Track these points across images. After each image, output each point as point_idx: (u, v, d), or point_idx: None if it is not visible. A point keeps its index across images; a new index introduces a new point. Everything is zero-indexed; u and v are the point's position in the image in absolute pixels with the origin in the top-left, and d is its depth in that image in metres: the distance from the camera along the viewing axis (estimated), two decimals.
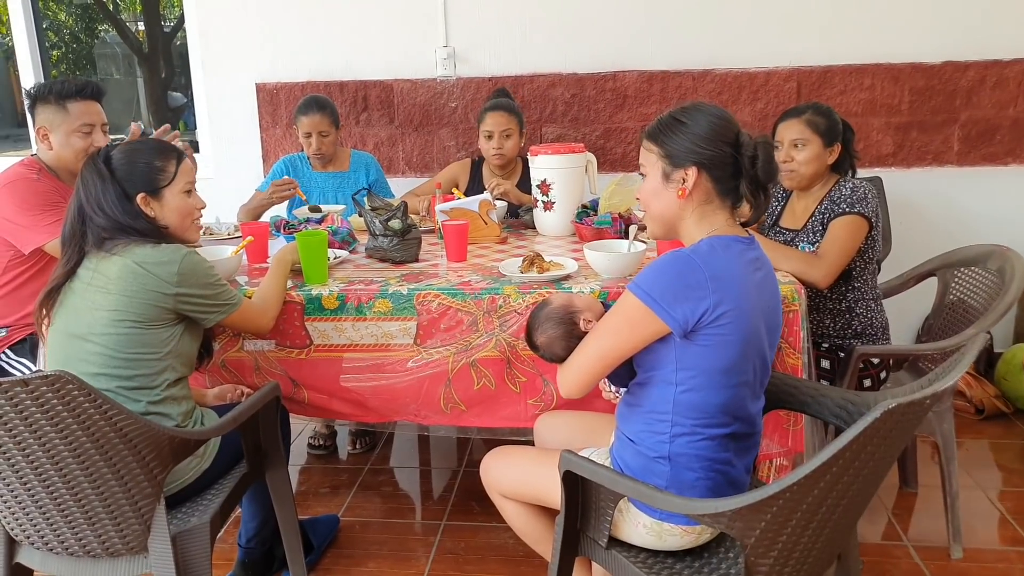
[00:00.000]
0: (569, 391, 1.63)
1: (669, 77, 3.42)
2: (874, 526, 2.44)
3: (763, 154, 1.51)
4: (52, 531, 1.62)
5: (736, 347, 1.46)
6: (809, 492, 1.26)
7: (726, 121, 1.54)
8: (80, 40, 9.35)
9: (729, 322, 1.44)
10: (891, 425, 1.22)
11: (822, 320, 2.34)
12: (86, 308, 1.74)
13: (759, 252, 1.57)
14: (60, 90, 2.35)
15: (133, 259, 1.73)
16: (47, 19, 9.09)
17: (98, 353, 1.72)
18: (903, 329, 3.31)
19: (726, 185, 1.54)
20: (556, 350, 1.69)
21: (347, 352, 2.11)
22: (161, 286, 1.73)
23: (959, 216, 3.41)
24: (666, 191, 1.56)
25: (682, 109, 1.56)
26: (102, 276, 1.74)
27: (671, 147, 1.54)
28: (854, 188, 2.22)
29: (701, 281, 1.43)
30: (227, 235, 2.74)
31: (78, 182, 1.81)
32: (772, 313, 1.58)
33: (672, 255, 1.50)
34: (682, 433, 1.50)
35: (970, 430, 3.07)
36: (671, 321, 1.44)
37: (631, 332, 1.50)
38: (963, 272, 2.45)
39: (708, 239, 1.52)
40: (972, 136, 3.36)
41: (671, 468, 1.52)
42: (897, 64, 3.31)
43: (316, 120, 3.06)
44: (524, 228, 2.84)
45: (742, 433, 1.55)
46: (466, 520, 2.52)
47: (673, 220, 1.58)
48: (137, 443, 1.54)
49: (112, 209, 1.77)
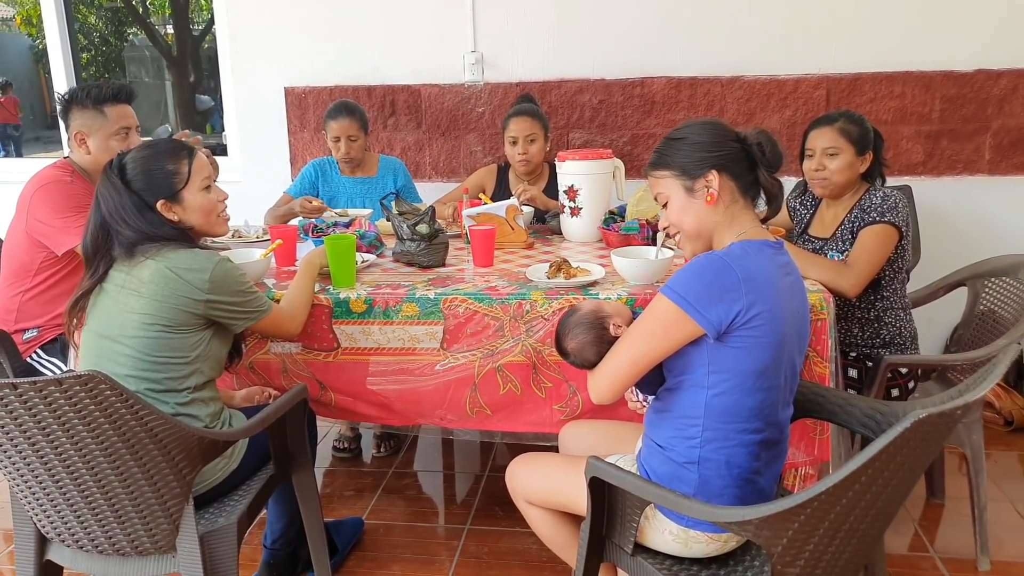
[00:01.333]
0: (601, 397, 1.63)
1: (697, 84, 3.41)
2: (901, 537, 2.42)
3: (766, 140, 1.57)
4: (82, 529, 1.64)
5: (769, 350, 1.46)
6: (837, 501, 1.25)
7: (719, 124, 1.60)
8: (109, 43, 9.49)
9: (762, 324, 1.44)
10: (921, 435, 1.21)
11: (850, 329, 2.32)
12: (118, 310, 1.76)
13: (788, 257, 1.58)
14: (97, 95, 2.38)
15: (166, 264, 1.75)
16: (77, 22, 9.25)
17: (127, 355, 1.74)
18: (932, 339, 3.27)
19: (746, 180, 1.58)
20: (587, 356, 1.69)
21: (373, 355, 2.12)
22: (192, 292, 1.75)
23: (990, 225, 3.37)
24: (694, 203, 1.58)
25: (673, 131, 1.63)
26: (135, 279, 1.76)
27: (682, 162, 1.58)
28: (885, 197, 2.20)
29: (734, 283, 1.44)
30: (255, 238, 2.77)
31: (96, 196, 1.81)
32: (801, 319, 1.58)
33: (705, 257, 1.51)
34: (713, 438, 1.50)
35: (999, 442, 3.03)
36: (705, 323, 1.44)
37: (665, 335, 1.50)
38: (993, 282, 2.42)
39: (740, 243, 1.53)
40: (1004, 145, 3.31)
41: (700, 475, 1.52)
42: (928, 72, 3.28)
43: (345, 124, 3.08)
44: (551, 234, 2.85)
45: (772, 440, 1.55)
46: (490, 525, 2.53)
47: (709, 229, 1.59)
48: (167, 443, 1.56)
49: (135, 221, 1.78)
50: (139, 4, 8.79)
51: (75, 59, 4.08)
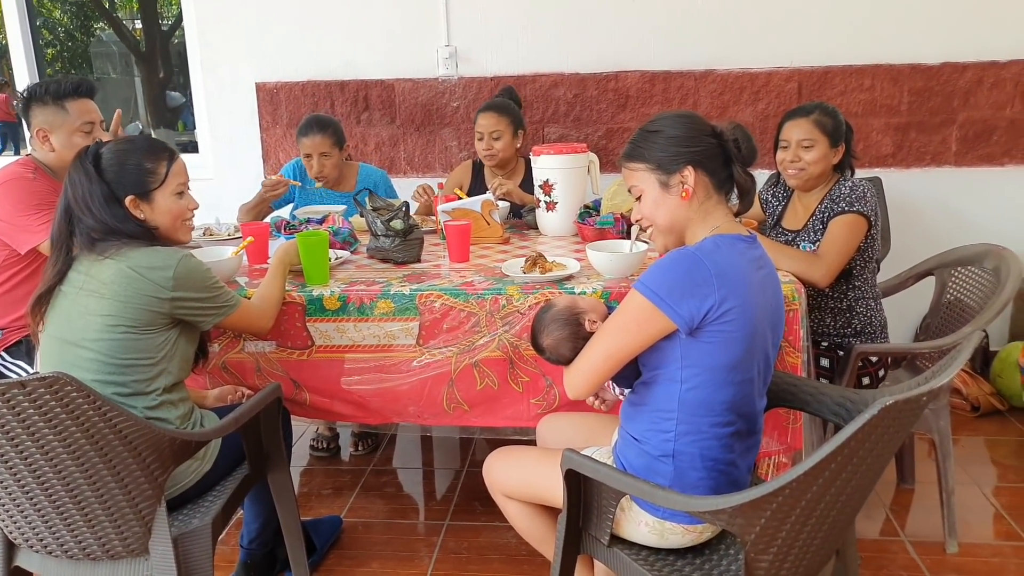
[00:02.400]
0: (577, 392, 1.63)
1: (671, 78, 3.43)
2: (872, 522, 2.46)
3: (742, 136, 1.57)
4: (51, 534, 1.61)
5: (741, 344, 1.47)
6: (808, 489, 1.26)
7: (694, 118, 1.59)
8: (75, 38, 9.30)
9: (734, 319, 1.45)
10: (888, 422, 1.23)
11: (822, 318, 2.35)
12: (78, 313, 1.72)
13: (761, 251, 1.59)
14: (56, 90, 2.33)
15: (127, 263, 1.71)
16: (41, 16, 9.07)
17: (91, 359, 1.70)
18: (902, 328, 3.32)
19: (720, 176, 1.58)
20: (563, 351, 1.69)
21: (349, 353, 2.11)
22: (156, 291, 1.71)
23: (957, 216, 3.42)
24: (668, 198, 1.58)
25: (649, 123, 1.62)
26: (95, 280, 1.71)
27: (658, 157, 1.57)
28: (853, 187, 2.22)
29: (706, 278, 1.45)
30: (227, 236, 2.74)
31: (66, 181, 1.77)
32: (775, 312, 1.59)
33: (677, 253, 1.51)
34: (687, 432, 1.51)
35: (966, 427, 3.08)
36: (677, 318, 1.45)
37: (638, 330, 1.50)
38: (960, 271, 2.46)
39: (712, 237, 1.54)
40: (970, 137, 3.37)
41: (675, 467, 1.53)
42: (896, 65, 3.32)
43: (317, 141, 2.93)
44: (526, 228, 2.85)
45: (745, 432, 1.56)
46: (469, 520, 2.53)
47: (681, 225, 1.59)
48: (137, 445, 1.53)
49: (100, 211, 1.74)
50: None
51: (39, 55, 4.01)
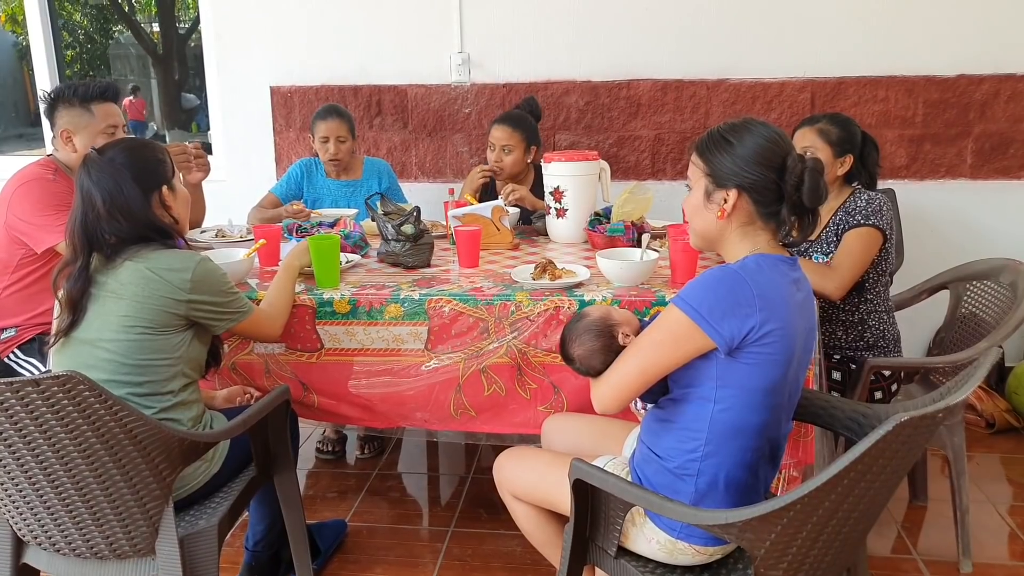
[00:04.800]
0: (606, 406, 1.59)
1: (683, 86, 3.42)
2: (883, 539, 2.43)
3: (810, 180, 1.47)
4: (59, 531, 1.62)
5: (779, 367, 1.44)
6: (820, 504, 1.25)
7: (775, 144, 1.48)
8: (95, 40, 9.42)
9: (774, 341, 1.42)
10: (903, 438, 1.21)
11: (834, 331, 2.33)
12: (96, 313, 1.73)
13: (801, 273, 1.54)
14: (84, 92, 2.36)
15: (146, 264, 1.73)
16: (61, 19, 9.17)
17: (108, 359, 1.71)
18: (916, 342, 3.29)
19: (768, 208, 1.50)
20: (593, 363, 1.64)
21: (357, 356, 2.11)
22: (174, 292, 1.73)
23: (972, 229, 3.39)
24: (707, 210, 1.54)
25: (732, 127, 1.52)
26: (114, 282, 1.73)
27: (716, 166, 1.51)
28: (869, 200, 2.21)
29: (749, 298, 1.41)
30: (239, 237, 2.74)
31: (84, 192, 1.73)
32: (809, 335, 1.56)
33: (719, 270, 1.48)
34: (714, 452, 1.48)
35: (981, 444, 3.05)
36: (717, 337, 1.41)
37: (675, 347, 1.47)
38: (975, 286, 2.43)
39: (754, 256, 1.49)
40: (986, 149, 3.34)
41: (695, 488, 1.50)
42: (911, 76, 3.30)
43: (335, 125, 3.07)
44: (536, 235, 2.84)
45: (770, 455, 1.54)
46: (474, 527, 2.51)
47: (713, 238, 1.56)
48: (147, 445, 1.54)
49: (135, 210, 1.73)
50: (124, 2, 8.73)
51: (59, 57, 4.05)
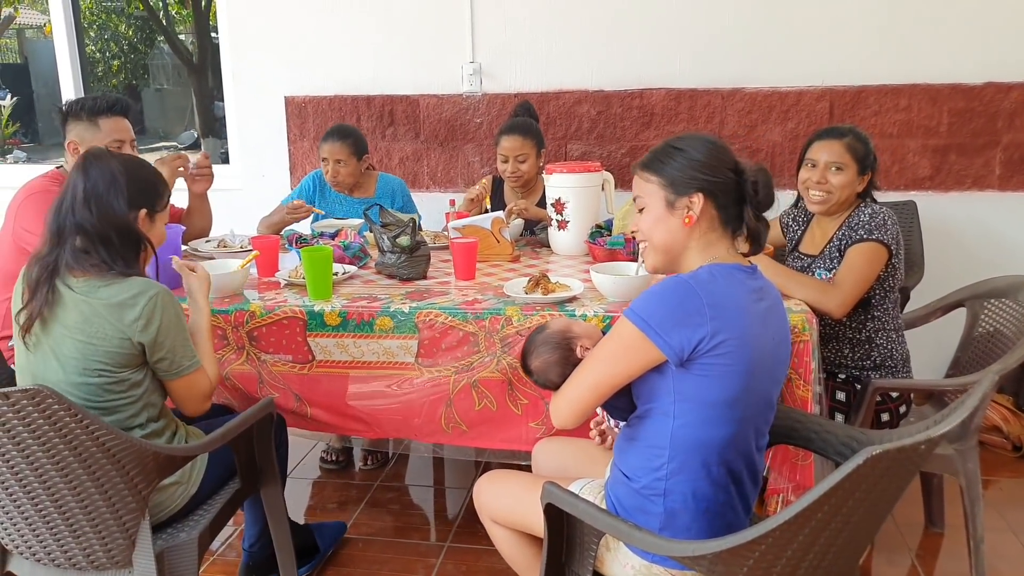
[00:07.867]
0: (563, 421, 1.57)
1: (697, 95, 3.36)
2: (896, 568, 2.34)
3: (763, 181, 1.49)
4: (38, 542, 1.62)
5: (738, 379, 1.40)
6: (794, 538, 1.19)
7: (722, 147, 1.52)
8: (138, 51, 9.68)
9: (729, 351, 1.38)
10: (880, 471, 1.15)
11: (840, 349, 2.24)
12: (53, 356, 1.67)
13: (763, 282, 1.51)
14: (92, 107, 2.39)
15: (98, 300, 1.65)
16: (109, 31, 9.44)
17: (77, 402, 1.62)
18: (936, 361, 3.15)
19: (729, 212, 1.51)
20: (551, 376, 1.64)
21: (352, 369, 2.09)
22: (125, 329, 1.65)
23: (999, 243, 3.27)
24: (671, 219, 1.51)
25: (676, 138, 1.55)
26: (60, 326, 1.66)
27: (672, 174, 1.50)
28: (873, 214, 2.13)
29: (698, 307, 1.38)
30: (239, 247, 2.74)
31: (71, 180, 1.70)
32: (780, 345, 1.51)
33: (670, 280, 1.45)
34: (679, 470, 1.44)
35: (1006, 468, 2.92)
36: (667, 348, 1.38)
37: (626, 359, 1.44)
38: (993, 304, 2.32)
39: (708, 266, 1.47)
40: (1015, 160, 3.22)
41: (665, 508, 1.45)
42: (935, 84, 3.19)
43: (336, 147, 3.03)
44: (539, 246, 2.80)
45: (743, 473, 1.48)
46: (470, 543, 2.48)
47: (677, 250, 1.53)
48: (121, 458, 1.53)
49: (116, 212, 1.69)
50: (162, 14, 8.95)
51: (85, 70, 4.13)
